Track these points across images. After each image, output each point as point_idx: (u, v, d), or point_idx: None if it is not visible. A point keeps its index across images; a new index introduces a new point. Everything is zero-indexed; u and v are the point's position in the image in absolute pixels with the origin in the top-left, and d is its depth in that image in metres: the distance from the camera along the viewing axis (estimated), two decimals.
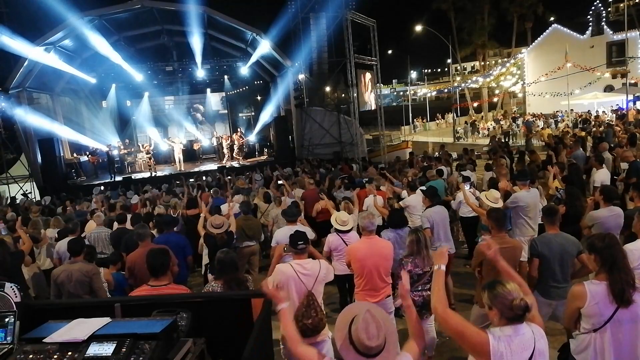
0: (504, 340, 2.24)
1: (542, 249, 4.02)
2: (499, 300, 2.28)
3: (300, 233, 3.92)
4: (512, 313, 2.25)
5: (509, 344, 2.23)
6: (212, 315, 2.55)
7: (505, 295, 2.27)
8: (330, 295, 6.43)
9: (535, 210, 5.97)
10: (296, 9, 20.10)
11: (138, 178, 17.84)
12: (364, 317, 2.07)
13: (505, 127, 27.21)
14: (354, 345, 2.06)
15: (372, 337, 2.04)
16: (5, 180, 18.28)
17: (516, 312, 2.25)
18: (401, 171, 11.30)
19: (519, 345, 2.24)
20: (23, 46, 15.07)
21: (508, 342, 2.23)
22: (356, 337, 2.05)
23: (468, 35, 38.37)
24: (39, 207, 10.44)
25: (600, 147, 9.38)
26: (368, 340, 2.03)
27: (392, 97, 59.05)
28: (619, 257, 2.87)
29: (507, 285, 2.31)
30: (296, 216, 5.91)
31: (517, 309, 2.24)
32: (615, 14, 30.20)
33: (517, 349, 2.23)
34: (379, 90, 22.21)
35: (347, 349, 2.08)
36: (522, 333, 2.27)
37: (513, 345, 2.23)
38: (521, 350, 2.23)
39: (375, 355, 2.05)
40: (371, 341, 2.03)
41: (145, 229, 5.36)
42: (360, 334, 2.04)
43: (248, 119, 26.25)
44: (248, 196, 9.21)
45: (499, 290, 2.30)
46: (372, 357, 2.05)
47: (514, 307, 2.24)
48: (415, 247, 4.26)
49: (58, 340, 1.99)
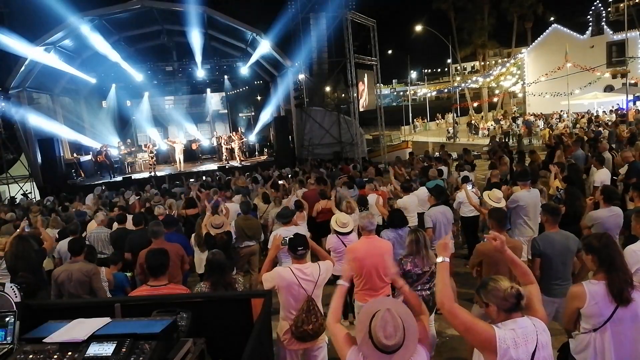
0: (509, 334, 2.26)
1: (545, 248, 4.03)
2: (492, 294, 2.34)
3: (301, 237, 3.86)
4: (507, 303, 2.30)
5: (513, 337, 2.25)
6: (212, 315, 2.55)
7: (497, 288, 2.34)
8: (330, 295, 6.43)
9: (535, 210, 5.96)
10: (296, 9, 20.09)
11: (138, 178, 17.85)
12: (383, 316, 2.13)
13: (505, 127, 27.24)
14: (372, 341, 2.13)
15: (390, 337, 2.10)
16: (5, 180, 18.29)
17: (510, 301, 2.29)
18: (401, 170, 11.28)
19: (522, 337, 2.26)
20: (23, 46, 15.06)
21: (512, 336, 2.25)
22: (374, 334, 2.12)
23: (468, 35, 38.38)
24: (38, 207, 10.45)
25: (600, 147, 9.37)
26: (385, 339, 2.10)
27: (392, 97, 59.05)
28: (616, 256, 2.87)
29: (499, 280, 2.38)
30: (290, 217, 5.92)
31: (510, 297, 2.29)
32: (615, 14, 30.20)
33: (521, 341, 2.25)
34: (379, 90, 22.20)
35: (367, 344, 2.16)
36: (524, 326, 2.29)
37: (517, 338, 2.25)
38: (525, 343, 2.25)
39: (393, 352, 2.12)
40: (388, 340, 2.10)
41: (159, 226, 5.38)
42: (378, 332, 2.11)
43: (248, 119, 26.26)
44: (248, 196, 9.21)
45: (491, 285, 2.38)
46: (390, 354, 2.12)
47: (507, 297, 2.29)
48: (414, 247, 4.26)
49: (58, 340, 1.99)
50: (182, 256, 5.38)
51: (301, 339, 3.61)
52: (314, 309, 3.63)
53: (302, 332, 3.58)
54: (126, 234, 6.48)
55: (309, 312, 3.60)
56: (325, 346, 3.87)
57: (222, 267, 3.70)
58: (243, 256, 6.81)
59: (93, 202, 10.81)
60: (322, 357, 3.85)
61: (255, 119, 24.92)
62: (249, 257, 6.93)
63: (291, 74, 19.93)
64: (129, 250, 5.97)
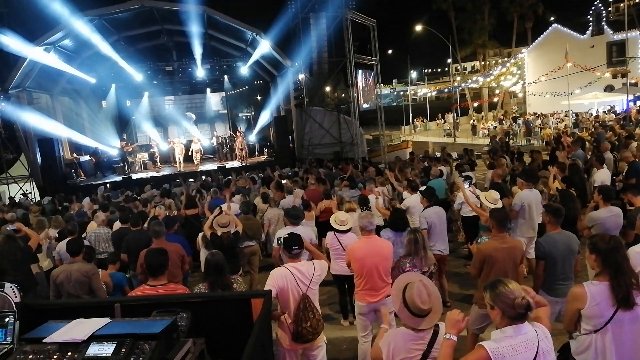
0: (505, 342, 2.23)
1: (550, 250, 4.03)
2: (501, 299, 2.29)
3: (295, 236, 3.84)
4: (514, 312, 2.26)
5: (511, 344, 2.22)
6: (212, 315, 2.55)
7: (507, 294, 2.28)
8: (330, 295, 6.44)
9: (536, 210, 5.97)
10: (296, 8, 20.10)
11: (138, 178, 17.84)
12: (418, 286, 2.52)
13: (505, 127, 27.25)
14: (407, 308, 2.51)
15: (425, 302, 2.49)
16: (5, 180, 18.28)
17: (518, 311, 2.25)
18: (402, 171, 11.29)
19: (522, 345, 2.23)
20: (23, 46, 15.04)
21: (509, 344, 2.22)
22: (411, 301, 2.50)
23: (468, 35, 38.40)
24: (38, 207, 10.43)
25: (601, 147, 9.37)
26: (422, 304, 2.48)
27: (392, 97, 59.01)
28: (623, 261, 2.85)
29: (509, 285, 2.32)
30: (300, 218, 5.86)
31: (519, 307, 2.24)
32: (616, 13, 30.21)
33: (520, 348, 2.22)
34: (379, 90, 22.21)
35: (403, 310, 2.54)
36: (525, 332, 2.26)
37: (515, 345, 2.22)
38: (524, 350, 2.22)
39: (426, 315, 2.50)
40: (424, 305, 2.48)
41: (161, 226, 5.36)
42: (415, 298, 2.49)
43: (248, 119, 26.23)
44: (248, 196, 9.21)
45: (500, 289, 2.31)
46: (423, 317, 2.50)
47: (516, 306, 2.24)
48: (413, 247, 4.26)
49: (58, 340, 1.98)
50: (182, 256, 5.38)
51: (300, 337, 3.60)
52: (310, 306, 3.63)
53: (302, 330, 3.58)
54: (128, 233, 6.47)
55: (306, 310, 3.60)
56: (324, 346, 3.87)
57: (220, 268, 3.68)
58: (243, 256, 6.80)
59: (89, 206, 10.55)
60: (321, 356, 3.85)
61: (255, 119, 24.90)
62: (249, 257, 6.92)
63: (291, 74, 19.92)
64: (126, 251, 5.96)
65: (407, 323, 2.55)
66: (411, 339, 2.53)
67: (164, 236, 5.32)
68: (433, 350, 2.50)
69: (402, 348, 2.53)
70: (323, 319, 3.84)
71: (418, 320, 2.51)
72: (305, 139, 20.11)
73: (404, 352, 2.53)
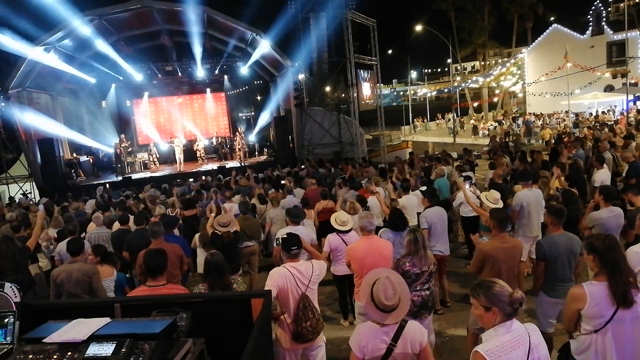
0: (498, 341, 2.23)
1: (551, 251, 4.02)
2: (498, 298, 2.29)
3: (294, 237, 3.85)
4: (511, 308, 2.28)
5: (504, 342, 2.22)
6: (212, 315, 2.55)
7: (502, 292, 2.30)
8: (330, 295, 6.44)
9: (537, 209, 5.95)
10: (296, 8, 20.09)
11: (137, 178, 17.84)
12: (384, 282, 2.65)
13: (505, 127, 27.26)
14: (374, 303, 2.64)
15: (390, 298, 2.62)
16: (5, 180, 18.27)
17: (514, 307, 2.28)
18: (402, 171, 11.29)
19: (514, 341, 2.24)
20: (23, 46, 15.04)
21: (505, 340, 2.23)
22: (377, 296, 2.63)
23: (468, 35, 38.42)
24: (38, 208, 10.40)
25: (600, 147, 9.37)
26: (386, 300, 2.61)
27: (392, 97, 59.02)
28: (620, 259, 2.85)
29: (499, 283, 2.36)
30: (301, 217, 5.87)
31: (516, 302, 2.27)
32: (616, 13, 30.23)
33: (513, 345, 2.23)
34: (379, 90, 22.21)
35: (370, 306, 2.67)
36: (514, 328, 2.28)
37: (509, 342, 2.23)
38: (517, 346, 2.23)
39: (391, 311, 2.62)
40: (388, 301, 2.61)
41: (159, 226, 5.36)
42: (380, 295, 2.61)
43: (248, 119, 26.24)
44: (248, 195, 9.20)
45: (496, 289, 2.32)
46: (388, 313, 2.63)
47: (513, 301, 2.27)
48: (413, 247, 4.25)
49: (58, 340, 1.98)
50: (180, 256, 5.38)
51: (300, 337, 3.61)
52: (309, 305, 3.64)
53: (302, 330, 3.58)
54: (127, 234, 6.47)
55: (305, 310, 3.61)
56: (323, 345, 3.87)
57: (220, 269, 3.68)
58: (243, 256, 6.80)
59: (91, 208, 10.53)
60: (320, 356, 3.85)
61: (255, 119, 24.91)
62: (249, 257, 6.92)
63: (291, 74, 19.92)
64: (128, 249, 5.97)
65: (373, 317, 2.67)
66: (376, 333, 2.66)
67: (162, 236, 5.32)
68: (398, 345, 2.62)
69: (369, 342, 2.65)
70: (323, 319, 3.84)
71: (383, 315, 2.63)
72: (305, 139, 20.12)
73: (370, 346, 2.65)
